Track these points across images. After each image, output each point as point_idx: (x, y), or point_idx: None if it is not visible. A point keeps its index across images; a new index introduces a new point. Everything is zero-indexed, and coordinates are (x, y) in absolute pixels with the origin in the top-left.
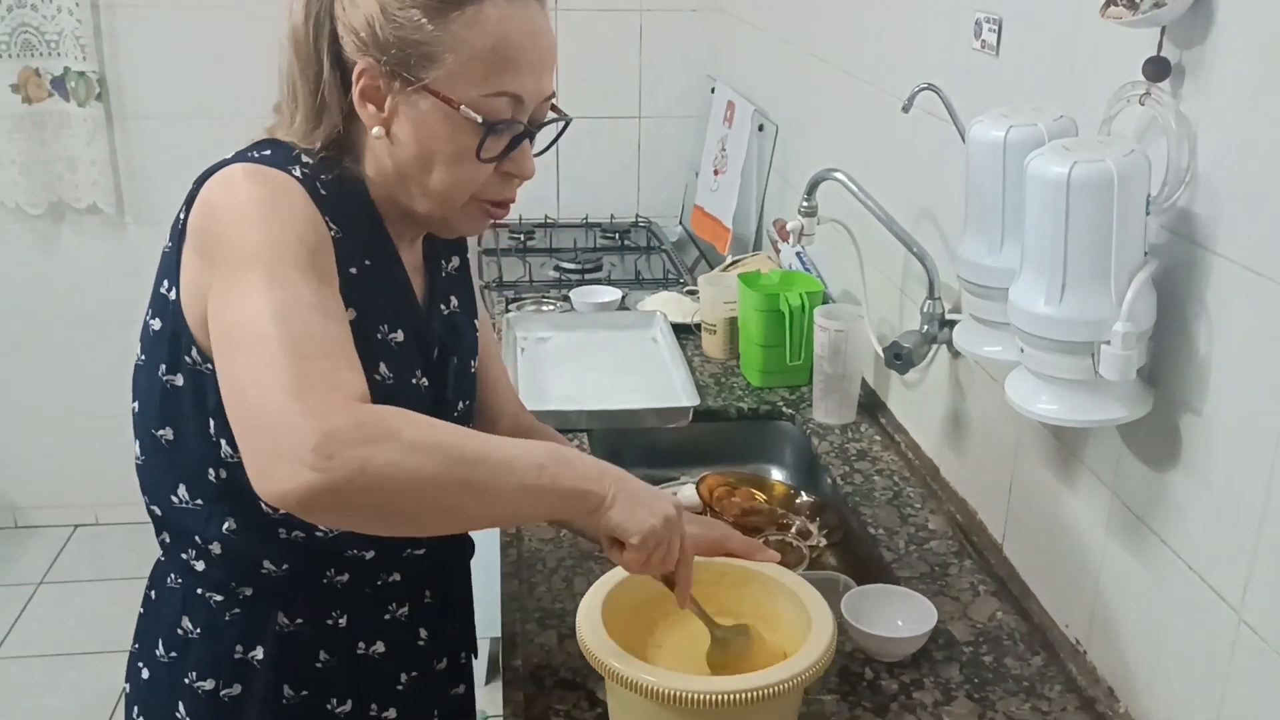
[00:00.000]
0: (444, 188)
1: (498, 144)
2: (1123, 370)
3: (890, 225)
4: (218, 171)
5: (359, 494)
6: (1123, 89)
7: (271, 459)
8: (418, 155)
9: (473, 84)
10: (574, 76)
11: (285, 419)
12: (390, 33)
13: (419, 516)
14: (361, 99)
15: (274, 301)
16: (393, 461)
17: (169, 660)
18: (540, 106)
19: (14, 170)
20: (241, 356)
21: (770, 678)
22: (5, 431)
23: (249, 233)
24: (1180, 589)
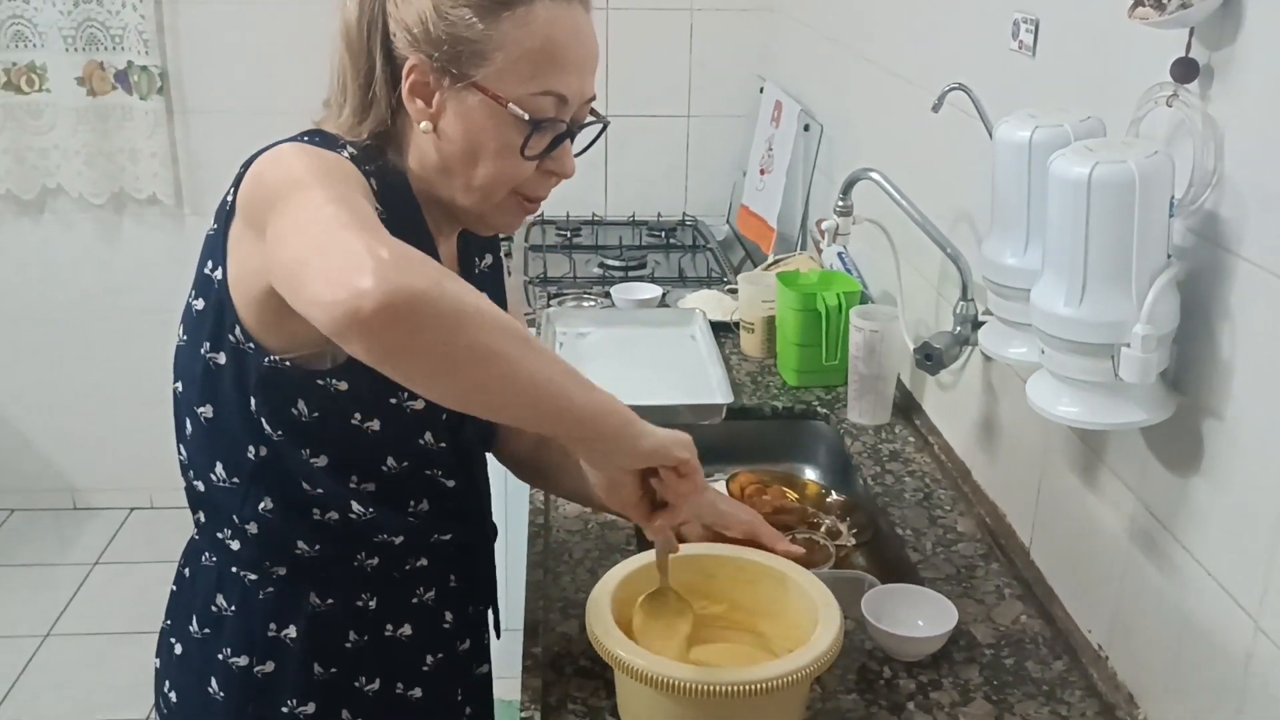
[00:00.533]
0: (486, 182)
1: (541, 141)
2: (1142, 373)
3: (925, 225)
4: (265, 151)
5: (434, 309)
6: (1150, 90)
7: (345, 270)
8: (464, 150)
9: (520, 82)
10: (624, 75)
11: (357, 239)
12: (442, 30)
13: (478, 358)
14: (410, 94)
15: (326, 196)
16: (463, 293)
17: (202, 636)
18: (582, 108)
19: (78, 161)
20: (298, 236)
21: (772, 670)
22: (67, 415)
23: (296, 173)
24: (1200, 596)
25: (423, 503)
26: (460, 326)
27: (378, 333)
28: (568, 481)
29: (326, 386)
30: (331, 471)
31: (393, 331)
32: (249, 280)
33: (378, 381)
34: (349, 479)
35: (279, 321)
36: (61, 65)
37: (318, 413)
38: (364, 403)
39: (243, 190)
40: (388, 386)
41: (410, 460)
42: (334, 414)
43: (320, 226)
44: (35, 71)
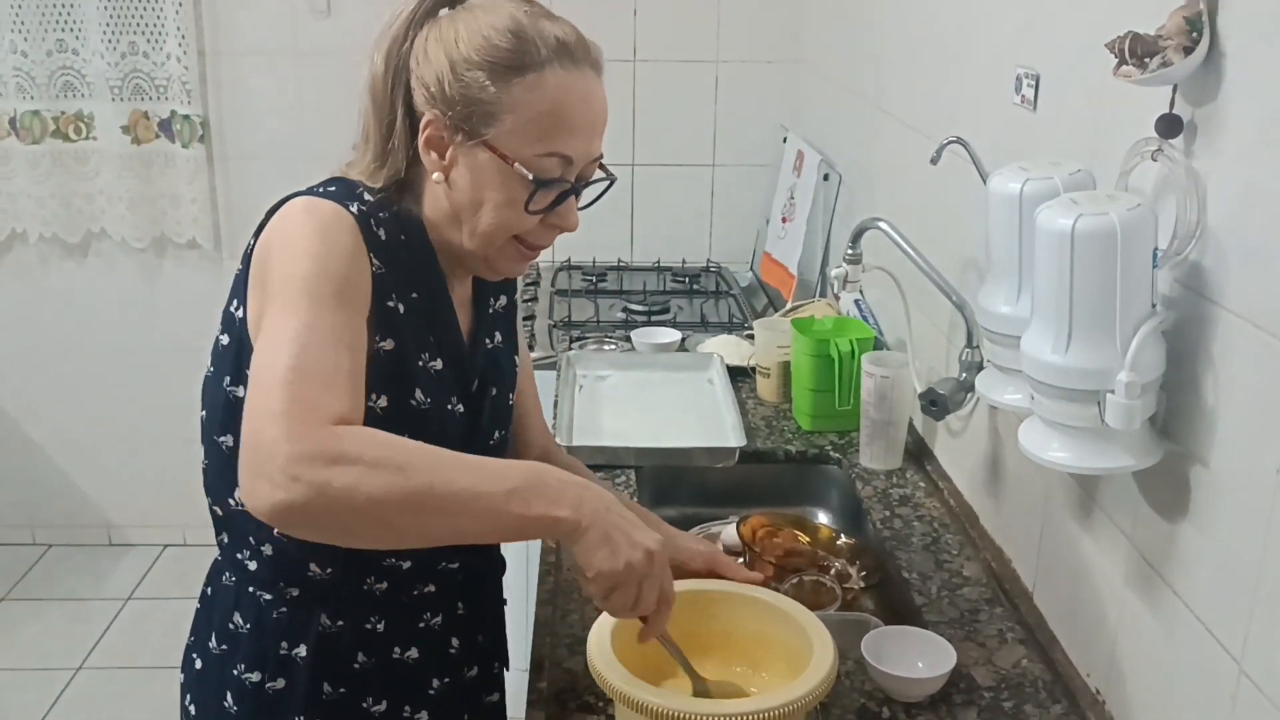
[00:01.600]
0: (489, 230)
1: (545, 198)
2: (1127, 420)
3: (931, 274)
4: (290, 202)
5: (321, 513)
6: (1137, 145)
7: (252, 476)
8: (471, 201)
9: (527, 144)
10: (651, 125)
11: (265, 440)
12: (457, 90)
13: (380, 534)
14: (426, 146)
15: (293, 333)
16: (352, 484)
17: (220, 652)
18: (588, 166)
19: (122, 206)
20: (255, 383)
21: (769, 702)
22: (106, 452)
23: (289, 264)
24: (1188, 640)
25: None
26: (352, 518)
27: (283, 529)
28: None
29: None
30: None
31: (292, 530)
32: (258, 324)
33: (387, 417)
34: None
35: None
36: (108, 114)
37: None
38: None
39: (256, 250)
40: (397, 422)
41: None
42: None
43: (267, 398)
44: (83, 120)
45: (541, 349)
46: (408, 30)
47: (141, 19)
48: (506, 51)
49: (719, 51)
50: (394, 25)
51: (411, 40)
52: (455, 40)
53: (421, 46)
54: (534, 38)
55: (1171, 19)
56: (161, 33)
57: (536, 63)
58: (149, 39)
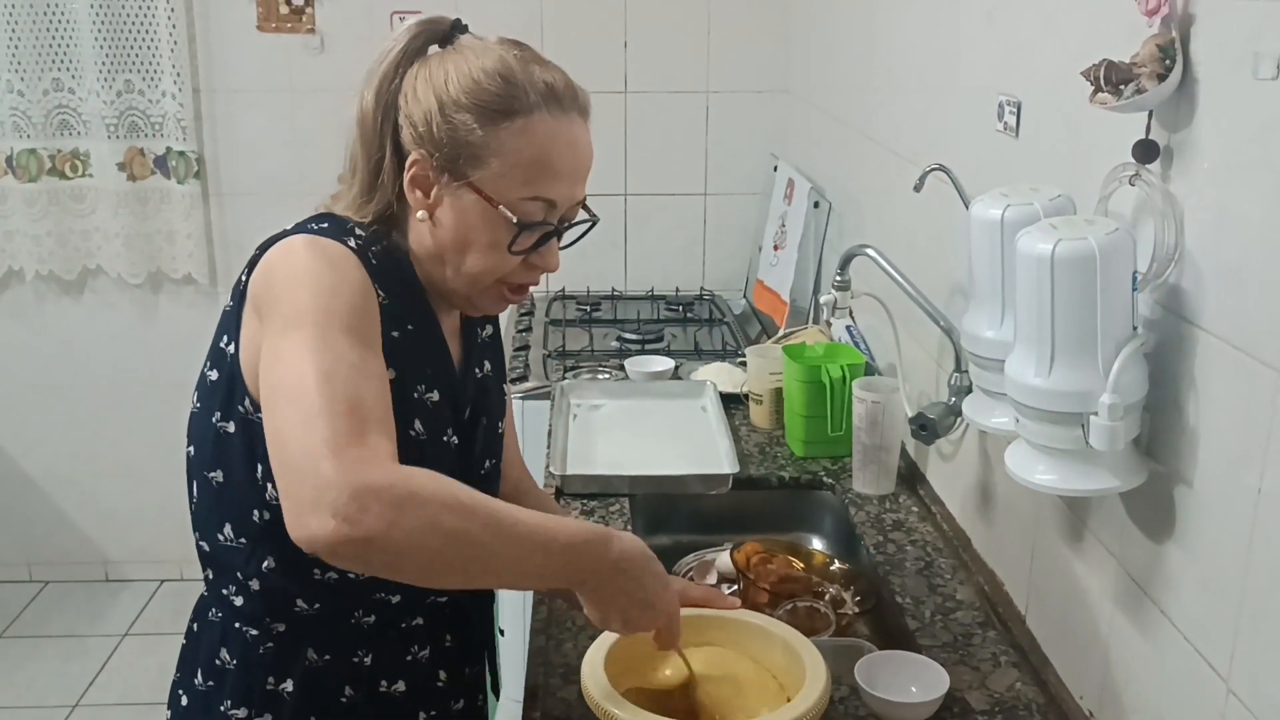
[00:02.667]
0: (475, 271)
1: (528, 240)
2: (1110, 441)
3: (919, 299)
4: (279, 240)
5: (382, 550)
6: (1115, 170)
7: (308, 506)
8: (454, 241)
9: (512, 187)
10: (643, 155)
11: (323, 471)
12: (444, 132)
13: (432, 576)
14: (411, 185)
15: (319, 361)
16: (417, 527)
17: (206, 689)
18: (571, 209)
19: (118, 243)
20: (287, 409)
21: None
22: (102, 488)
23: (302, 295)
24: (1177, 659)
25: None
26: (410, 559)
27: (334, 561)
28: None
29: None
30: None
31: (346, 563)
32: (254, 357)
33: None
34: None
35: None
36: (104, 152)
37: None
38: None
39: (253, 281)
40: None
41: None
42: None
43: (307, 413)
44: (79, 158)
45: (536, 378)
46: (397, 68)
47: (137, 57)
48: (495, 95)
49: (709, 82)
50: (384, 62)
51: (401, 78)
52: (445, 81)
53: (411, 85)
54: (523, 83)
55: (1145, 47)
56: (157, 71)
57: (525, 108)
58: (144, 77)
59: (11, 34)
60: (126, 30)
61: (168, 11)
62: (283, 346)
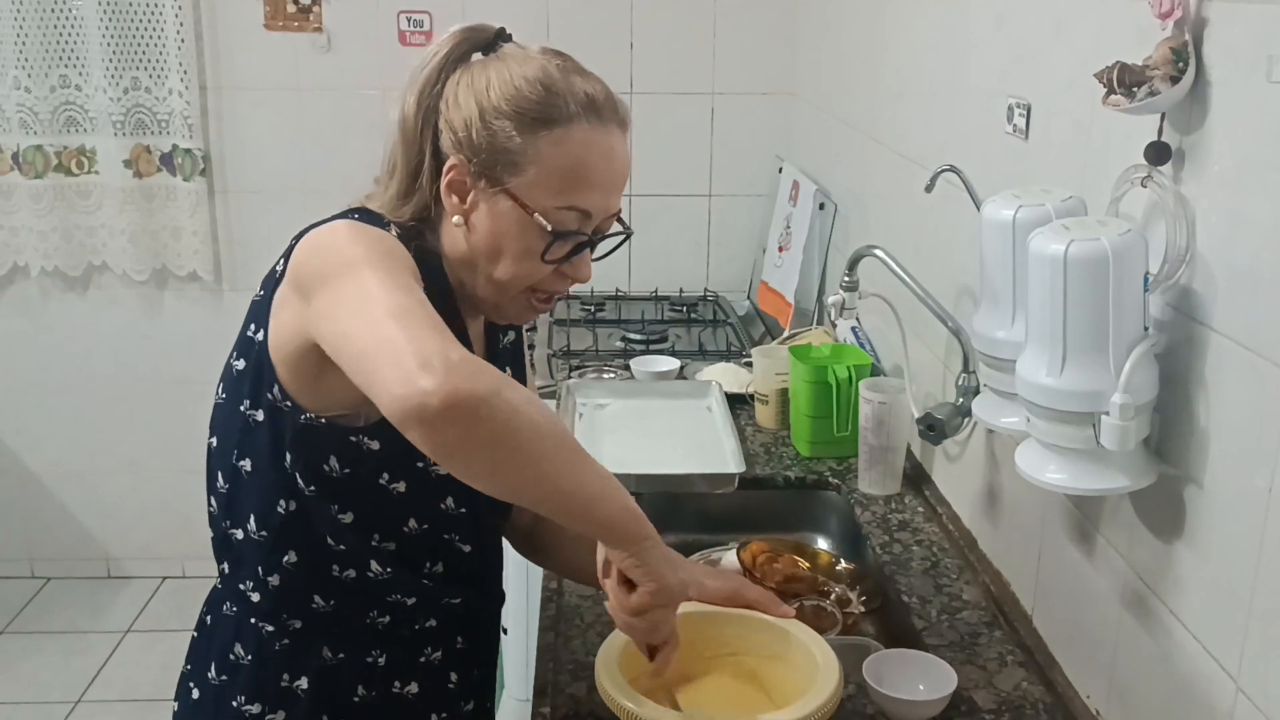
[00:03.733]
0: (506, 278)
1: (562, 249)
2: (1121, 441)
3: (926, 300)
4: (318, 226)
5: (491, 413)
6: (1127, 172)
7: (416, 364)
8: (488, 246)
9: (548, 196)
10: (649, 156)
11: (429, 338)
12: (483, 138)
13: (522, 460)
14: (448, 189)
15: (389, 282)
16: (520, 402)
17: (219, 683)
18: (606, 220)
19: (123, 239)
20: (365, 308)
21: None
22: (105, 485)
23: (355, 250)
24: (1186, 659)
25: (438, 565)
26: (515, 432)
27: (439, 429)
28: (561, 556)
29: (359, 444)
30: (356, 529)
31: (452, 429)
32: (288, 342)
33: (408, 444)
34: (371, 537)
35: (314, 381)
36: (110, 149)
37: (348, 469)
38: (392, 464)
39: (296, 257)
40: (416, 449)
41: (430, 523)
42: (363, 472)
43: (387, 312)
44: (85, 154)
45: (541, 378)
46: (440, 73)
47: (144, 54)
48: (535, 103)
49: (715, 84)
50: (427, 67)
51: (443, 83)
52: (486, 88)
53: (453, 90)
54: (564, 92)
55: (1158, 49)
56: (164, 68)
57: (564, 117)
58: (151, 74)
59: (19, 30)
60: (134, 27)
61: (175, 9)
62: (343, 281)
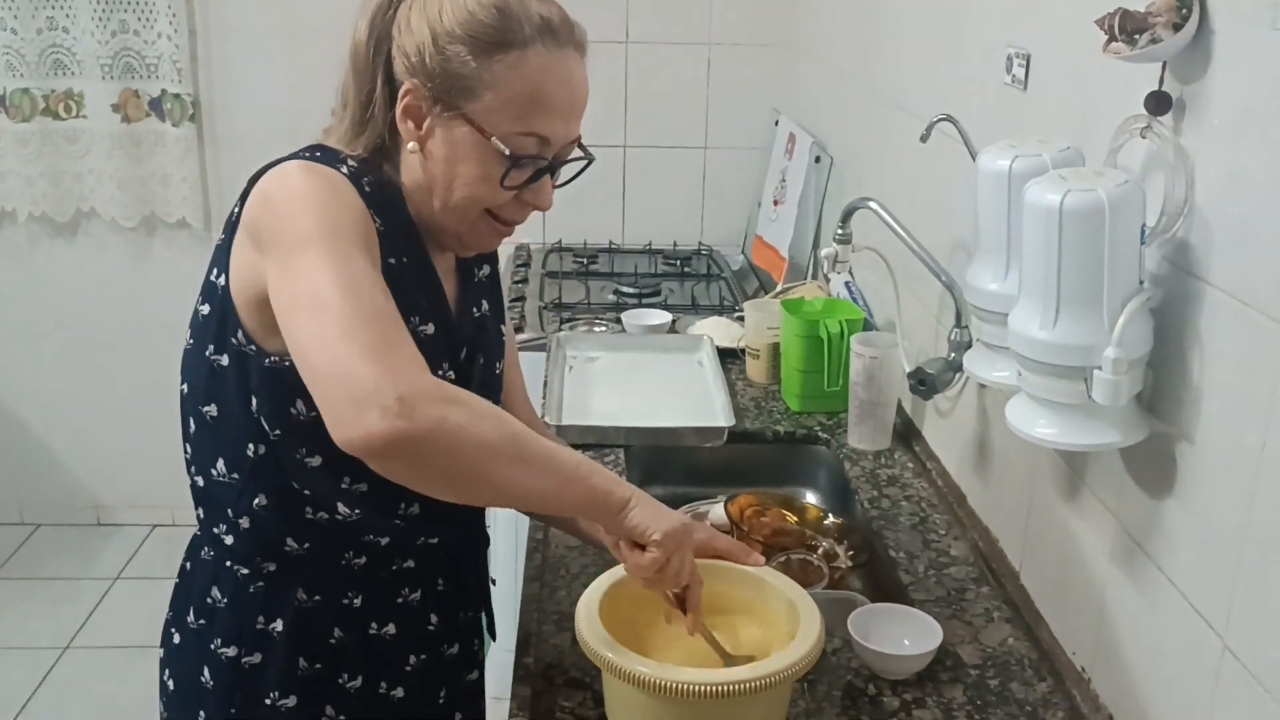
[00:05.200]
0: (461, 204)
1: (521, 176)
2: (1113, 395)
3: (920, 254)
4: (272, 168)
5: (433, 447)
6: (1126, 122)
7: (356, 407)
8: (445, 173)
9: (506, 121)
10: (643, 107)
11: (370, 373)
12: (437, 63)
13: (474, 481)
14: (403, 115)
15: (339, 275)
16: (464, 424)
17: (198, 627)
18: (566, 147)
19: (112, 185)
20: (314, 322)
21: (757, 671)
22: (94, 432)
23: (305, 217)
24: (1173, 616)
25: (413, 505)
26: (462, 458)
27: (385, 464)
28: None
29: None
30: (324, 471)
31: (398, 464)
32: (248, 287)
33: None
34: (341, 480)
35: (276, 325)
36: (98, 93)
37: (315, 412)
38: None
39: (248, 207)
40: None
41: None
42: None
43: (340, 328)
44: (73, 98)
45: (532, 330)
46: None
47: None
48: (490, 27)
49: (711, 34)
50: None
51: (395, 9)
52: (439, 12)
53: (405, 16)
54: (518, 15)
55: None
56: (152, 11)
57: (519, 41)
58: (140, 17)
59: None
60: None
61: None
62: (294, 268)
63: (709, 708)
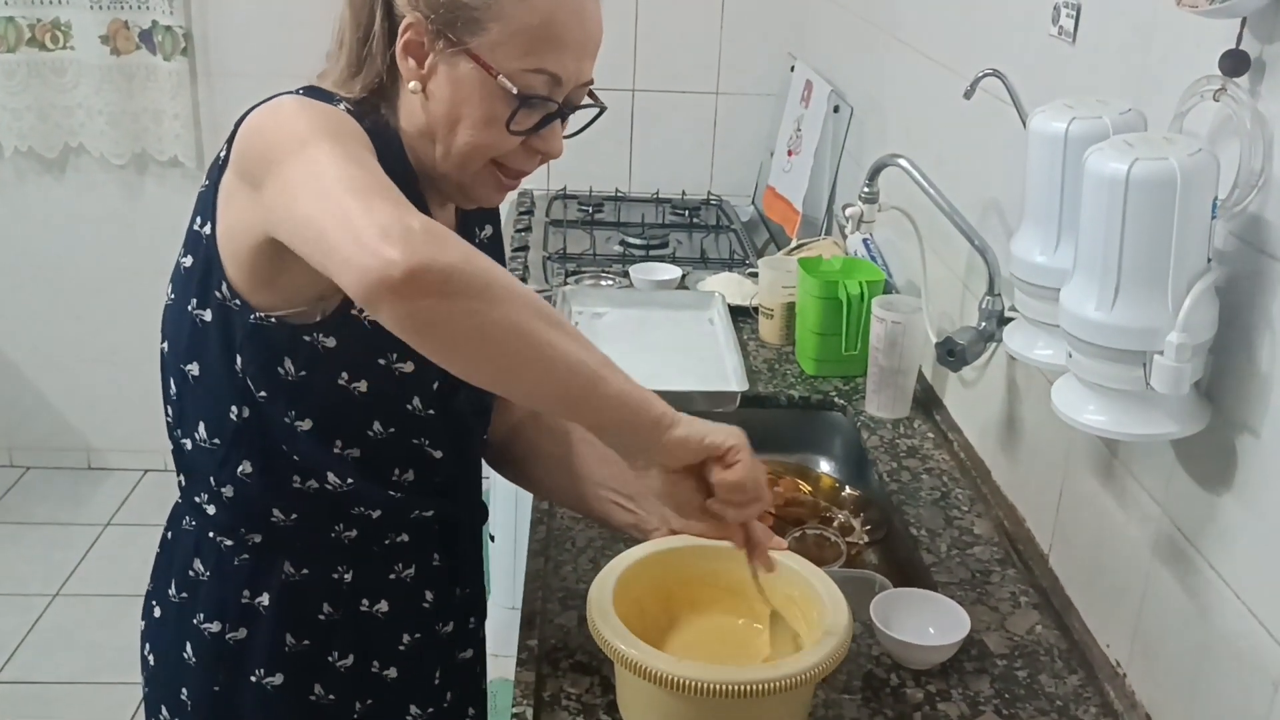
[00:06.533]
0: (465, 150)
1: (529, 118)
2: (1175, 384)
3: (953, 216)
4: (260, 105)
5: (466, 282)
6: (1197, 83)
7: (377, 237)
8: (448, 114)
9: (514, 57)
10: (653, 50)
11: (386, 207)
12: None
13: (510, 335)
14: (404, 52)
15: (343, 161)
16: (495, 270)
17: (179, 601)
18: (577, 90)
19: (101, 120)
20: (318, 191)
21: (781, 670)
22: (85, 374)
23: (300, 125)
24: (1226, 619)
25: (407, 473)
26: (493, 302)
27: (409, 299)
28: (535, 474)
29: (314, 344)
30: (315, 435)
31: (424, 299)
32: (240, 235)
33: (367, 339)
34: (333, 444)
35: (269, 277)
36: (86, 23)
37: (304, 371)
38: (352, 362)
39: (238, 143)
40: (377, 346)
41: (397, 426)
42: (321, 373)
43: (343, 186)
44: (60, 28)
45: (535, 282)
46: None
47: None
48: None
49: None
50: None
51: None
52: None
53: None
54: None
55: None
56: None
57: None
58: None
59: None
60: None
61: None
62: (293, 171)
63: (729, 707)
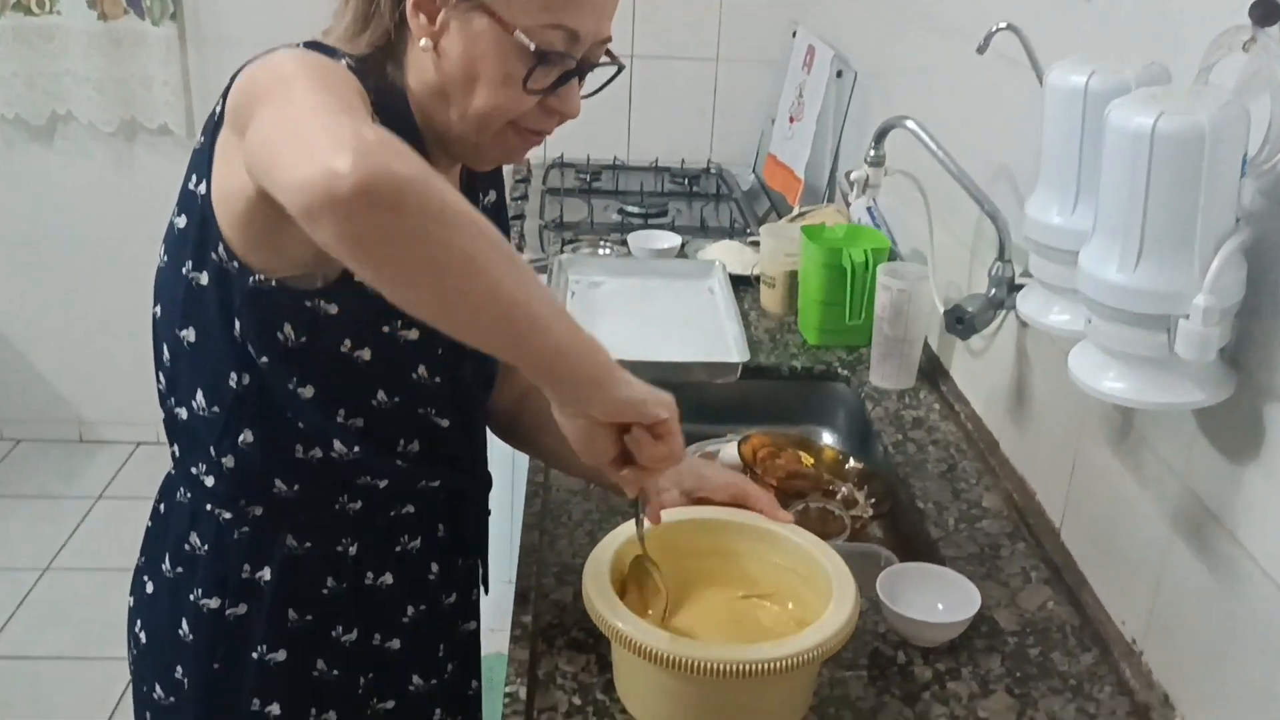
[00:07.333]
0: (482, 111)
1: (546, 76)
2: (1201, 349)
3: (962, 180)
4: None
5: (421, 201)
6: (1225, 34)
7: (328, 147)
8: (463, 74)
9: (531, 12)
10: (652, 14)
11: (345, 121)
12: None
13: (465, 264)
14: (415, 8)
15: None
16: (451, 193)
17: (174, 576)
18: (595, 48)
19: (89, 87)
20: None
21: (784, 649)
22: (76, 346)
23: (286, 69)
24: (1252, 595)
25: (413, 443)
26: (445, 224)
27: (354, 216)
28: (545, 442)
29: (315, 309)
30: (318, 404)
31: (370, 216)
32: (236, 192)
33: (370, 306)
34: (336, 413)
35: (267, 237)
36: None
37: (305, 338)
38: (355, 329)
39: (232, 94)
40: (381, 313)
41: (402, 395)
42: (323, 340)
43: (302, 110)
44: None
45: (532, 251)
46: None
47: None
48: None
49: None
50: None
51: None
52: None
53: None
54: None
55: None
56: None
57: None
58: None
59: None
60: None
61: None
62: (272, 105)
63: (730, 687)
